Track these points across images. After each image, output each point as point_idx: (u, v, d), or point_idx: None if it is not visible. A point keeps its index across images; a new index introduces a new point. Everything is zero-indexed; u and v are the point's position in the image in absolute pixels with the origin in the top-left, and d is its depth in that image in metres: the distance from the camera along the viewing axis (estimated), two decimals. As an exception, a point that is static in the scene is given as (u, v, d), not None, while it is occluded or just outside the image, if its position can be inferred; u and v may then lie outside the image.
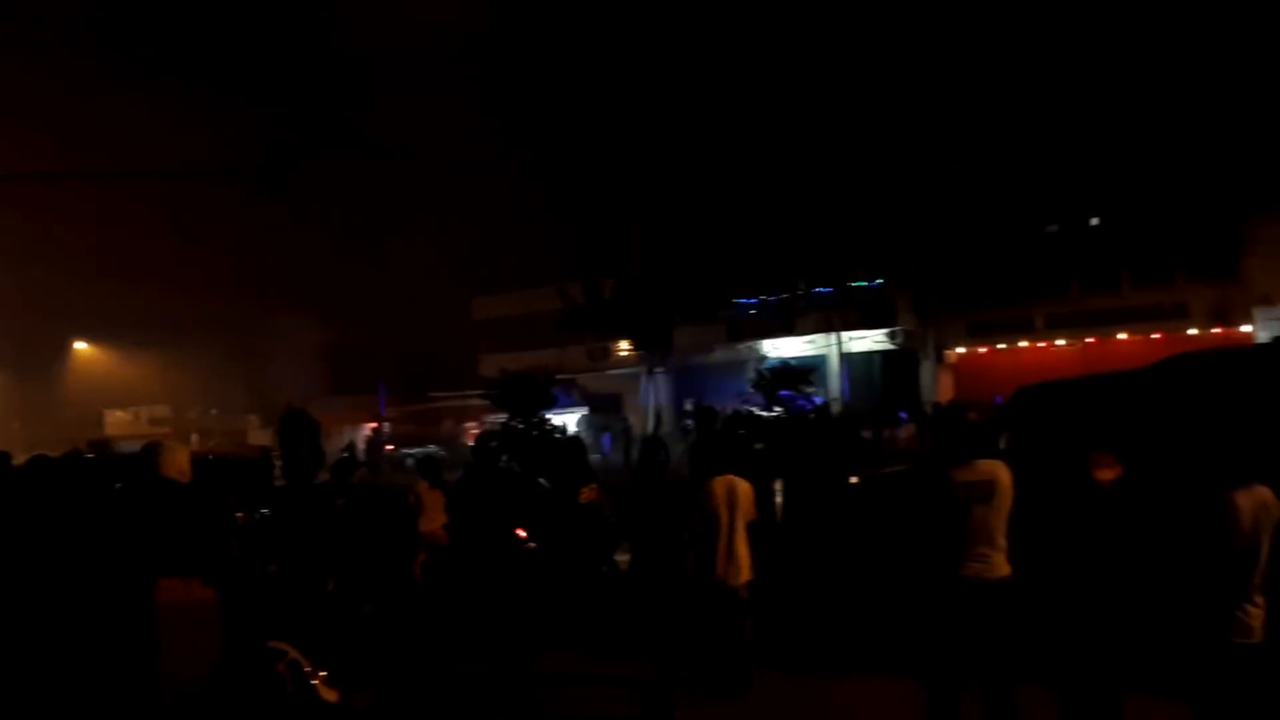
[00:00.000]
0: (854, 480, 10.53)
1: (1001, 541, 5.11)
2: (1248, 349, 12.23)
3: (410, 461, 23.81)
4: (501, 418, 16.88)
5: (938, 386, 27.48)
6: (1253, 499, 4.43)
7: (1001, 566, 5.09)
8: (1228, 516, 4.38)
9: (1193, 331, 24.18)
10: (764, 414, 21.47)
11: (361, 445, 28.69)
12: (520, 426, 15.23)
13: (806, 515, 9.54)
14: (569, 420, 22.87)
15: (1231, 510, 4.38)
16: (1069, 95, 26.08)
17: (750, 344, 31.69)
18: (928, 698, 5.18)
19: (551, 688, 7.13)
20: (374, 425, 34.61)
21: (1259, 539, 4.41)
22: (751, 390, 25.25)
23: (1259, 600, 4.43)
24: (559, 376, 22.39)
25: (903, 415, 17.76)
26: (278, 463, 13.62)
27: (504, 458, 11.98)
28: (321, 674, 4.77)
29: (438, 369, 37.98)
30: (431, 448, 25.22)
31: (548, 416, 16.22)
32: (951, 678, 5.13)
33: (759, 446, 11.91)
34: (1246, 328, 23.31)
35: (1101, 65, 25.88)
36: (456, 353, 40.04)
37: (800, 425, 17.01)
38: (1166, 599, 4.56)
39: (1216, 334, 23.67)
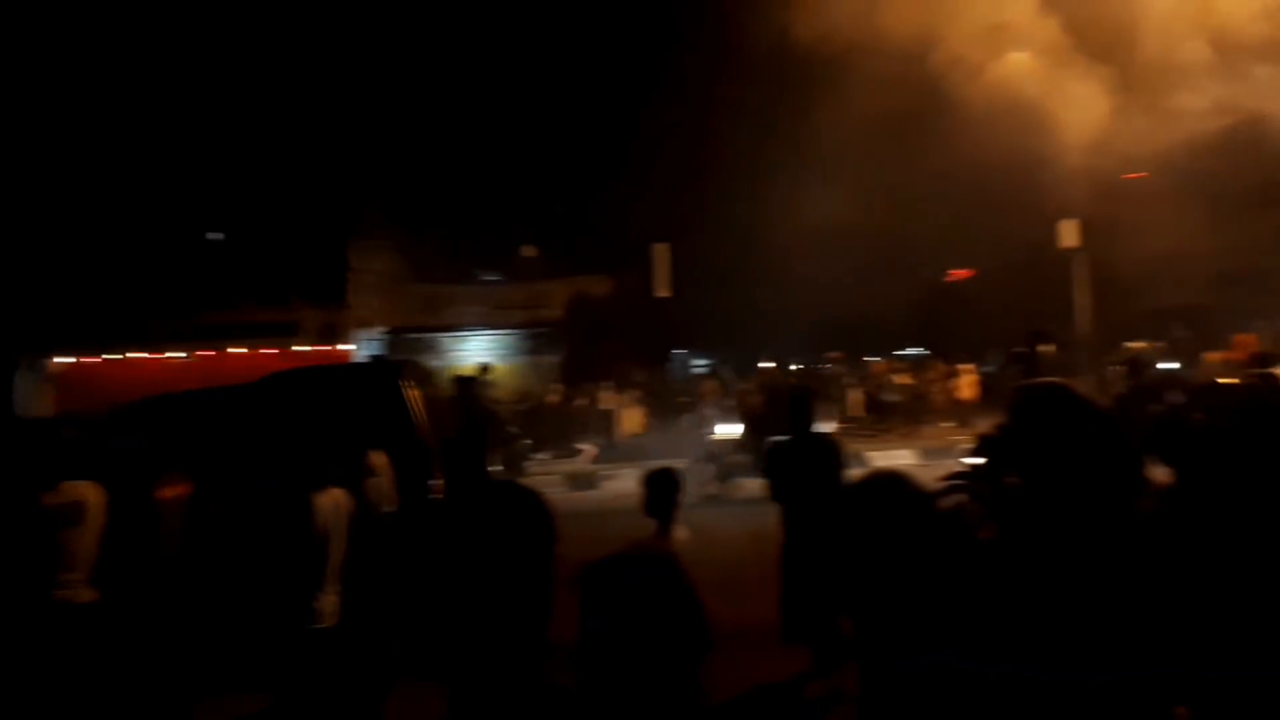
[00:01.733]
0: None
1: (88, 564, 4.85)
2: (340, 366, 13.63)
3: None
4: None
5: (38, 399, 24.60)
6: (330, 499, 4.98)
7: (85, 592, 4.82)
8: (307, 516, 4.85)
9: (303, 348, 26.28)
10: None
11: None
12: None
13: None
14: None
15: (310, 510, 4.85)
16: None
17: None
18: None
19: None
20: None
21: (333, 535, 4.97)
22: None
23: (332, 588, 4.99)
24: None
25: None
26: None
27: None
28: None
29: None
30: None
31: None
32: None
33: None
34: (350, 346, 26.35)
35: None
36: None
37: None
38: (254, 595, 4.85)
39: (323, 351, 26.17)
